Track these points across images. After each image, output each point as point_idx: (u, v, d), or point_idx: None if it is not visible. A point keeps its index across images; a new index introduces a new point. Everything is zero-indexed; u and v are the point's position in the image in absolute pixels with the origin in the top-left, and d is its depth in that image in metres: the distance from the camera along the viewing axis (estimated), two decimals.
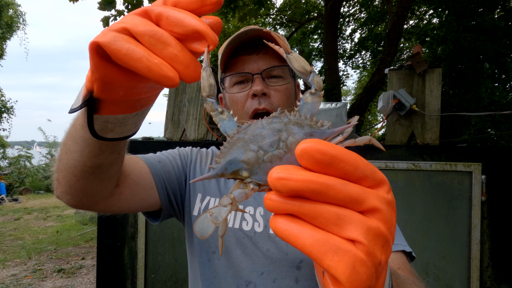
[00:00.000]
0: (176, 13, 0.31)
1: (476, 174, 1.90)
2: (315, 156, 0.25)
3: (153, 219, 0.80)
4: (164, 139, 2.35)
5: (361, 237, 0.25)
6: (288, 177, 0.25)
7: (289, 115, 0.32)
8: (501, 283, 1.91)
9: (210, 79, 0.33)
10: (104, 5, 3.63)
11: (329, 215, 0.25)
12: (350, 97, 22.23)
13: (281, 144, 0.31)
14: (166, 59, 0.31)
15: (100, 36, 0.32)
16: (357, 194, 0.25)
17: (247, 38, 0.76)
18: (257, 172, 0.32)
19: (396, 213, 0.29)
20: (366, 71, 12.83)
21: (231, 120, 0.34)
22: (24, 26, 16.11)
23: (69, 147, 0.50)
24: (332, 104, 2.85)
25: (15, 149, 15.85)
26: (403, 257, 0.67)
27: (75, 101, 0.41)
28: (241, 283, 0.70)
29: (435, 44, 6.97)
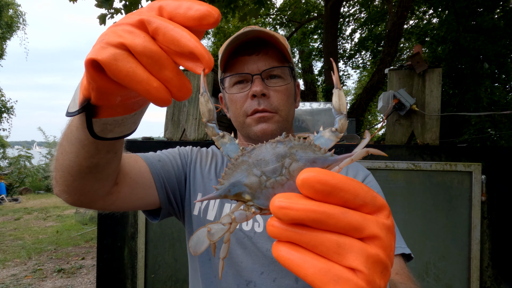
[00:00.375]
0: (173, 30, 0.30)
1: (476, 174, 1.90)
2: (315, 186, 0.26)
3: (153, 217, 0.80)
4: (164, 139, 2.35)
5: (361, 266, 0.25)
6: (289, 207, 0.26)
7: (294, 140, 0.32)
8: (501, 283, 1.91)
9: (209, 104, 0.34)
10: (101, 2, 3.63)
11: (330, 243, 0.26)
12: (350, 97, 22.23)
13: (284, 171, 0.31)
14: (161, 81, 0.31)
15: (97, 52, 0.31)
16: (357, 222, 0.26)
17: (247, 38, 0.76)
18: (259, 197, 0.32)
19: (395, 237, 0.30)
20: (366, 71, 12.84)
21: (233, 143, 0.34)
22: (24, 26, 16.10)
23: (65, 148, 0.51)
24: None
25: (15, 149, 15.85)
26: (401, 261, 0.68)
27: (71, 103, 0.41)
28: (241, 282, 0.71)
29: (435, 44, 6.97)
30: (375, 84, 7.06)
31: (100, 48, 0.31)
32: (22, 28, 15.98)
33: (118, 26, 0.33)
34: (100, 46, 0.31)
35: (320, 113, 2.80)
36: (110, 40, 0.31)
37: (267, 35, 0.75)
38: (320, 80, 10.81)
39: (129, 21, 0.32)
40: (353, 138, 2.56)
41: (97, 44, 0.32)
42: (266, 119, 0.76)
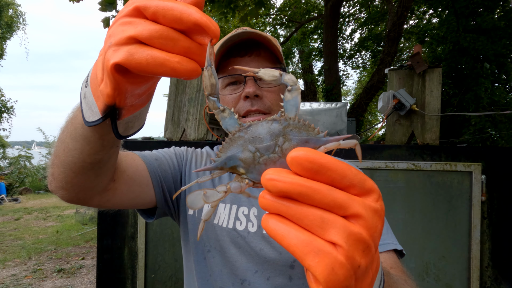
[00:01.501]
0: (171, 10, 0.30)
1: (476, 174, 1.90)
2: (303, 164, 0.27)
3: (147, 216, 0.80)
4: (164, 139, 2.35)
5: (342, 241, 0.26)
6: (278, 179, 0.28)
7: (289, 119, 0.33)
8: (501, 283, 1.91)
9: (212, 79, 0.34)
10: (105, 6, 3.63)
11: (314, 217, 0.27)
12: (350, 97, 22.25)
13: (277, 149, 0.33)
14: (181, 54, 0.32)
15: (113, 56, 0.31)
16: (342, 200, 0.27)
17: (240, 40, 0.77)
18: (252, 171, 0.34)
19: (383, 221, 0.30)
20: (366, 71, 12.84)
21: (232, 118, 0.36)
22: (24, 26, 16.10)
23: (68, 145, 0.50)
24: (332, 104, 2.85)
25: (15, 149, 15.84)
26: (394, 256, 0.69)
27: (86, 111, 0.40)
28: (236, 281, 0.71)
29: (435, 44, 6.97)
30: (375, 84, 7.06)
31: (113, 51, 0.31)
32: (22, 28, 15.98)
33: (117, 22, 0.33)
34: (112, 50, 0.32)
35: (320, 113, 2.80)
36: (117, 40, 0.31)
37: (260, 36, 0.76)
38: (320, 80, 10.81)
39: (125, 13, 0.32)
40: (353, 138, 2.57)
41: (107, 49, 0.32)
42: None
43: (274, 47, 0.79)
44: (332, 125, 2.80)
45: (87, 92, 0.39)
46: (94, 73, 0.37)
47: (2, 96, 14.24)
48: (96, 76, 0.37)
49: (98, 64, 0.36)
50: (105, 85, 0.35)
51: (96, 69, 0.37)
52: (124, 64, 0.31)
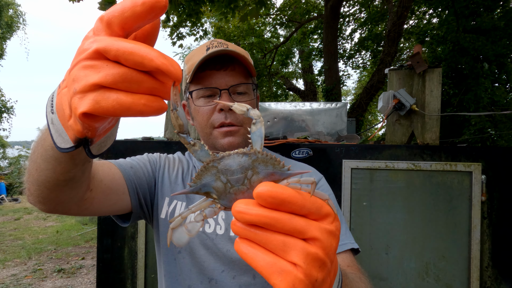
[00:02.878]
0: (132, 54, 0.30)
1: (476, 174, 1.90)
2: (267, 199, 0.32)
3: (122, 221, 0.83)
4: (164, 139, 2.35)
5: (300, 261, 0.31)
6: (245, 212, 0.32)
7: (258, 153, 0.37)
8: (501, 283, 1.91)
9: (179, 120, 0.37)
10: (104, 6, 3.63)
11: (277, 242, 0.32)
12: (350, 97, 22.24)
13: (245, 181, 0.37)
14: (146, 93, 0.32)
15: (79, 104, 0.31)
16: (300, 226, 0.32)
17: (217, 54, 0.81)
18: (224, 198, 0.39)
19: (338, 239, 0.36)
20: (366, 71, 12.83)
21: (203, 150, 0.39)
22: (24, 26, 16.10)
23: (39, 165, 0.51)
24: (332, 104, 2.85)
25: (15, 149, 15.84)
26: (351, 255, 0.76)
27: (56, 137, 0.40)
28: (204, 280, 0.77)
29: (435, 44, 6.97)
30: (375, 84, 7.06)
31: (79, 99, 0.32)
32: (22, 28, 15.98)
33: (79, 64, 0.32)
34: (78, 98, 0.32)
35: (320, 113, 2.80)
36: (81, 87, 0.31)
37: (235, 53, 0.81)
38: (320, 80, 10.81)
39: (86, 55, 0.32)
40: (353, 138, 2.56)
41: (72, 95, 0.32)
42: (232, 133, 0.82)
43: (247, 63, 0.84)
44: (332, 125, 2.80)
45: (54, 118, 0.39)
46: (60, 105, 0.37)
47: (2, 96, 14.23)
48: (63, 109, 0.36)
49: (64, 99, 0.36)
50: (74, 123, 0.35)
51: (62, 103, 0.36)
52: (91, 112, 0.31)
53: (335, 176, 1.99)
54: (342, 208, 1.98)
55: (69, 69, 0.35)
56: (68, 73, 0.34)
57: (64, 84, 0.36)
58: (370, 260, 1.98)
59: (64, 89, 0.36)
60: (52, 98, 0.40)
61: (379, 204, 1.98)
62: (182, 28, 6.36)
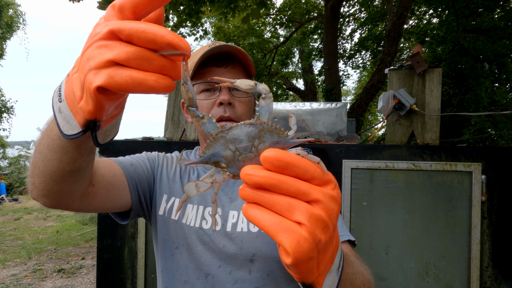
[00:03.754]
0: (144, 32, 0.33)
1: (476, 174, 1.90)
2: (273, 162, 0.34)
3: (121, 219, 0.85)
4: (164, 139, 2.35)
5: (305, 220, 0.33)
6: (253, 174, 0.34)
7: (263, 123, 0.39)
8: (501, 283, 1.91)
9: (189, 93, 0.39)
10: (103, 5, 3.63)
11: (283, 203, 0.34)
12: (350, 97, 22.24)
13: (253, 149, 0.39)
14: (156, 71, 0.35)
15: (94, 78, 0.34)
16: (304, 188, 0.34)
17: (219, 51, 0.84)
18: (232, 166, 0.41)
19: (340, 206, 0.37)
20: (366, 71, 12.83)
21: (211, 122, 0.41)
22: (24, 26, 16.10)
23: (46, 156, 0.52)
24: (332, 104, 2.85)
25: (15, 149, 15.83)
26: (348, 245, 0.78)
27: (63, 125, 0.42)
28: (201, 275, 0.78)
29: (435, 44, 6.97)
30: (375, 84, 7.06)
31: (94, 75, 0.34)
32: (22, 28, 15.98)
33: (93, 44, 0.35)
34: (93, 74, 0.34)
35: (320, 113, 2.80)
36: (96, 64, 0.34)
37: (237, 50, 0.84)
38: (320, 80, 10.81)
39: (101, 36, 0.34)
40: (353, 138, 2.56)
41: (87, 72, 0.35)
42: None
43: (249, 63, 0.88)
44: (332, 125, 2.80)
45: (62, 106, 0.41)
46: (70, 90, 0.39)
47: (2, 96, 14.23)
48: (73, 93, 0.39)
49: (75, 83, 0.38)
50: (86, 103, 0.37)
51: (73, 87, 0.39)
52: (105, 86, 0.34)
53: (335, 176, 1.99)
54: (342, 208, 1.98)
55: (80, 54, 0.37)
56: (80, 59, 0.37)
57: (74, 69, 0.39)
58: (370, 260, 1.98)
59: (75, 73, 0.38)
60: (59, 88, 0.42)
61: (379, 204, 1.98)
62: (182, 28, 6.37)
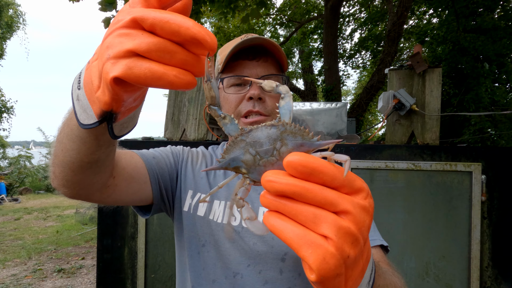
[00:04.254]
0: (169, 23, 0.30)
1: (476, 174, 1.90)
2: (297, 168, 0.30)
3: (143, 213, 0.83)
4: (164, 139, 2.35)
5: (332, 234, 0.30)
6: (275, 181, 0.31)
7: (286, 124, 0.36)
8: (501, 283, 1.91)
9: (212, 92, 0.37)
10: (105, 6, 3.63)
11: (308, 213, 0.31)
12: (350, 97, 22.25)
13: (275, 152, 0.36)
14: (178, 66, 0.32)
15: (111, 68, 0.32)
16: (332, 198, 0.31)
17: (251, 44, 0.81)
18: (253, 172, 0.38)
19: (372, 217, 0.34)
20: (366, 71, 12.83)
21: (233, 123, 0.39)
22: (24, 26, 16.09)
23: (65, 146, 0.51)
24: (332, 104, 2.85)
25: (15, 149, 15.83)
26: (380, 251, 0.74)
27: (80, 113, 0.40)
28: (229, 274, 0.74)
29: (435, 44, 6.97)
30: (375, 84, 7.06)
31: (112, 64, 0.32)
32: (22, 28, 15.97)
33: (114, 32, 0.33)
34: (111, 63, 0.32)
35: (320, 113, 2.80)
36: (115, 53, 0.32)
37: (270, 44, 0.81)
38: (320, 80, 10.81)
39: (122, 24, 0.32)
40: (353, 138, 2.56)
41: (105, 61, 0.33)
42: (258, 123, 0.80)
43: (281, 56, 0.84)
44: (332, 125, 2.80)
45: (80, 94, 0.39)
46: (89, 78, 0.37)
47: (2, 96, 14.22)
48: (91, 82, 0.37)
49: (93, 71, 0.36)
50: (102, 94, 0.35)
51: (91, 75, 0.37)
52: (123, 78, 0.32)
53: None
54: None
55: (102, 40, 0.35)
56: (100, 46, 0.35)
57: (95, 57, 0.37)
58: None
59: (94, 61, 0.36)
60: (79, 75, 0.40)
61: (379, 204, 1.98)
62: None
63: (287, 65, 0.88)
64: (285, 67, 0.88)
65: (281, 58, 0.84)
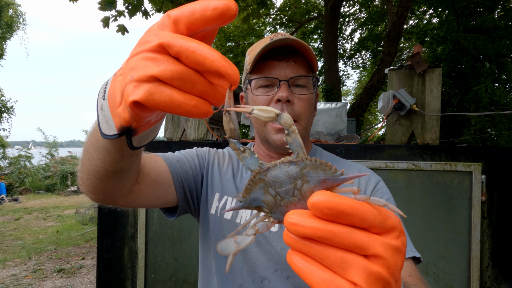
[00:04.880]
0: (195, 53, 0.31)
1: (476, 174, 1.90)
2: (323, 210, 0.28)
3: (169, 214, 0.84)
4: (164, 139, 2.35)
5: (361, 281, 0.28)
6: (299, 224, 0.29)
7: (306, 159, 0.34)
8: (501, 283, 1.91)
9: (231, 124, 0.36)
10: (104, 5, 3.63)
11: (335, 258, 0.29)
12: (350, 97, 22.24)
13: (296, 192, 0.34)
14: (197, 95, 0.33)
15: (133, 92, 0.32)
16: (361, 242, 0.29)
17: (280, 44, 0.78)
18: (275, 212, 0.37)
19: (404, 256, 0.31)
20: (366, 71, 12.83)
21: (252, 157, 0.37)
22: (24, 26, 16.09)
23: (91, 155, 0.54)
24: (332, 104, 2.85)
25: (15, 149, 15.83)
26: (412, 263, 0.71)
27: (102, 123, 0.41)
28: (256, 279, 0.74)
29: (435, 44, 6.97)
30: (375, 84, 7.06)
31: (134, 88, 0.32)
32: (22, 28, 15.97)
33: (140, 54, 0.33)
34: (133, 86, 0.32)
35: (320, 113, 2.79)
36: (139, 76, 0.32)
37: (299, 44, 0.78)
38: (320, 80, 10.81)
39: (149, 47, 0.32)
40: (353, 138, 2.56)
41: (128, 82, 0.33)
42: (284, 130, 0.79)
43: (311, 57, 0.81)
44: (332, 125, 2.80)
45: (104, 104, 0.41)
46: (113, 92, 0.38)
47: (2, 96, 14.22)
48: (114, 96, 0.38)
49: (117, 86, 0.37)
50: (123, 111, 0.36)
51: (115, 90, 0.37)
52: (143, 102, 0.32)
53: None
54: None
55: (128, 58, 0.35)
56: (126, 62, 0.35)
57: (120, 72, 0.37)
58: None
59: (119, 76, 0.37)
60: (106, 85, 0.41)
61: None
62: None
63: (317, 66, 0.85)
64: (315, 68, 0.85)
65: (311, 58, 0.82)
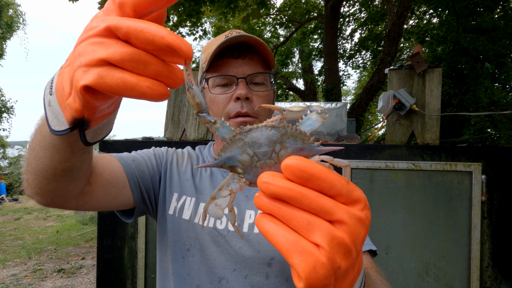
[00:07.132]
0: (143, 32, 0.30)
1: (476, 174, 1.90)
2: (295, 172, 0.30)
3: (126, 217, 0.81)
4: (164, 139, 2.35)
5: (324, 243, 0.29)
6: (271, 183, 0.30)
7: (287, 127, 0.35)
8: (501, 283, 1.91)
9: (196, 99, 0.36)
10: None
11: (302, 220, 0.30)
12: (350, 97, 22.25)
13: (273, 155, 0.35)
14: (151, 77, 0.32)
15: (82, 77, 0.31)
16: (328, 206, 0.30)
17: (236, 42, 0.78)
18: (249, 173, 0.37)
19: (367, 230, 0.33)
20: (366, 71, 12.84)
21: (225, 127, 0.38)
22: (24, 26, 16.10)
23: (38, 153, 0.50)
24: (332, 104, 2.85)
25: (15, 149, 15.83)
26: (369, 256, 0.73)
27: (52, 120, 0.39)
28: (214, 279, 0.72)
29: (435, 44, 6.97)
30: (375, 84, 7.06)
31: (83, 72, 0.31)
32: (22, 28, 15.98)
33: (88, 40, 0.32)
34: (82, 71, 0.31)
35: None
36: (87, 61, 0.31)
37: (255, 41, 0.78)
38: (320, 80, 10.81)
39: (95, 32, 0.32)
40: (353, 138, 2.56)
41: (76, 68, 0.32)
42: (247, 124, 0.77)
43: (267, 53, 0.81)
44: (332, 125, 2.80)
45: (51, 100, 0.39)
46: (60, 84, 0.37)
47: (2, 96, 14.23)
48: (62, 88, 0.36)
49: (65, 77, 0.35)
50: (73, 101, 0.34)
51: (63, 81, 0.36)
52: (94, 87, 0.31)
53: None
54: None
55: (74, 46, 0.34)
56: (72, 53, 0.34)
57: (67, 63, 0.36)
58: None
59: (67, 67, 0.35)
60: (52, 80, 0.39)
61: (379, 204, 1.98)
62: (182, 28, 6.37)
63: (274, 62, 0.85)
64: (272, 64, 0.85)
65: (268, 55, 0.82)
